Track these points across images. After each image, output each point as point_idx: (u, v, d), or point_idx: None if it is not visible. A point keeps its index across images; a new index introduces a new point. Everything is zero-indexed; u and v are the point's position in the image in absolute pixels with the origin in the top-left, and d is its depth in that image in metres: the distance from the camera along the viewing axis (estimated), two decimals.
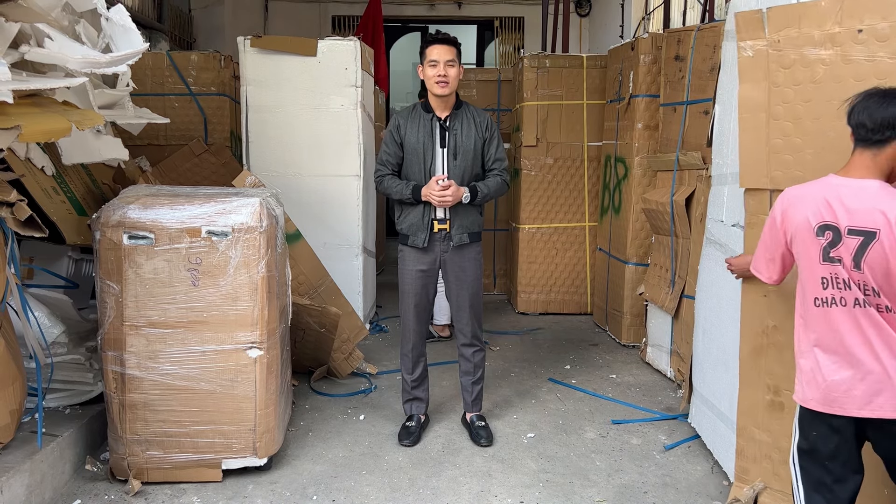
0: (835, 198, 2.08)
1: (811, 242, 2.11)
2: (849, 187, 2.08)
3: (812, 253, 2.12)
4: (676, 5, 6.64)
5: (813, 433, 2.17)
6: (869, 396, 2.05)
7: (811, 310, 2.15)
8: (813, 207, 2.12)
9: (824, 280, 2.10)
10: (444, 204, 3.31)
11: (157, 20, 7.81)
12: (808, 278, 2.16)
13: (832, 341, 2.11)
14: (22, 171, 3.15)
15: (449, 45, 3.34)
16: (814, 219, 2.11)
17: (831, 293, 2.09)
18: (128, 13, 3.34)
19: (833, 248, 2.07)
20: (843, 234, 2.05)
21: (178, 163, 5.25)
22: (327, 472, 3.24)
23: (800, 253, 2.17)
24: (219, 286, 2.96)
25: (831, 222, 2.07)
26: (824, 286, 2.10)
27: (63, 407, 3.36)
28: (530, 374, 4.58)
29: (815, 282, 2.13)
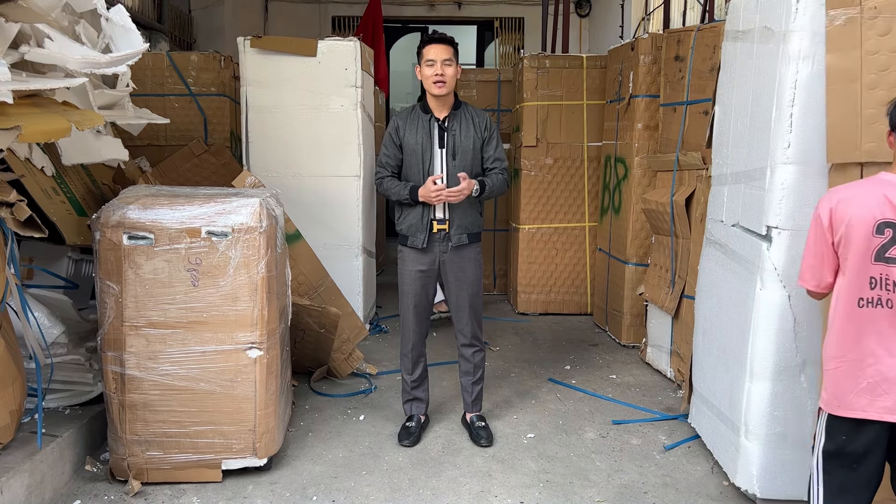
0: (891, 195, 2.05)
1: (866, 241, 2.07)
2: None
3: (865, 252, 2.07)
4: (676, 6, 6.64)
5: (842, 437, 2.13)
6: None
7: (854, 311, 2.11)
8: (871, 204, 2.07)
9: (873, 280, 2.07)
10: (458, 198, 3.28)
11: (157, 20, 7.81)
12: (853, 278, 2.11)
13: (872, 344, 2.08)
14: (22, 172, 3.15)
15: (445, 44, 3.34)
16: (872, 217, 2.06)
17: (878, 294, 2.06)
18: (128, 13, 3.34)
19: (891, 247, 2.04)
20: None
21: (178, 163, 5.25)
22: (327, 473, 3.24)
23: (849, 253, 2.11)
24: (219, 286, 2.96)
25: (892, 220, 2.04)
26: (872, 286, 2.07)
27: (63, 407, 3.35)
28: (530, 374, 4.58)
29: (862, 282, 2.08)
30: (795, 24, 2.66)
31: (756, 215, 2.92)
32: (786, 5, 2.69)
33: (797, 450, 2.88)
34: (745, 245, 3.02)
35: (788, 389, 2.85)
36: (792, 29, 2.67)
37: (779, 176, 2.76)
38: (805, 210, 2.73)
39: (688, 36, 4.27)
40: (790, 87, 2.70)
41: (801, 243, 2.73)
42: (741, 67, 3.14)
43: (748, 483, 2.97)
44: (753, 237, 2.94)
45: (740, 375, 3.00)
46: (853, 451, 2.12)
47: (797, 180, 2.73)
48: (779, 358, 2.84)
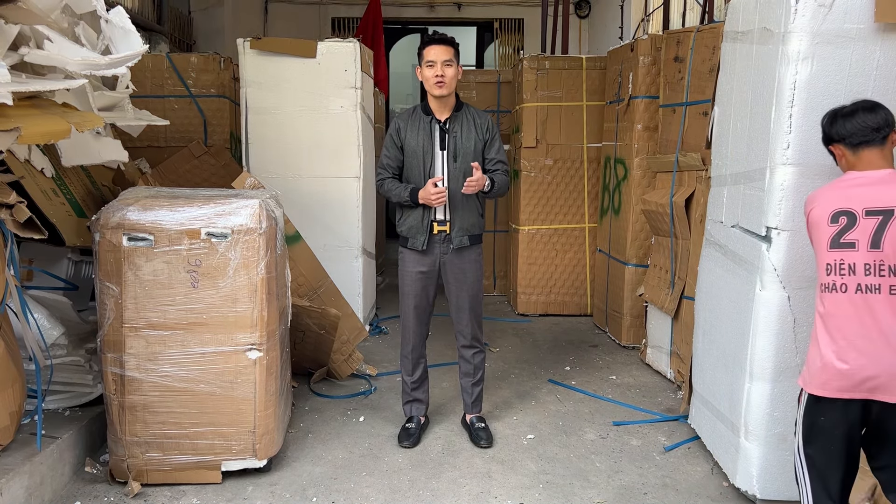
0: (853, 187, 2.25)
1: (823, 231, 2.25)
2: (865, 177, 2.26)
3: (822, 241, 2.25)
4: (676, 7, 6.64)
5: (821, 418, 2.25)
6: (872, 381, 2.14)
7: (818, 296, 2.27)
8: (830, 199, 2.26)
9: (829, 266, 2.23)
10: (473, 189, 3.26)
11: (157, 22, 7.81)
12: (817, 266, 2.29)
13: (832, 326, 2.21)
14: (21, 173, 3.15)
15: (446, 45, 3.34)
16: (828, 208, 2.24)
17: (833, 279, 2.21)
18: (127, 15, 3.35)
19: (846, 233, 2.20)
20: (859, 217, 2.19)
21: (178, 164, 5.25)
22: (327, 474, 3.24)
23: (813, 244, 2.31)
24: (218, 288, 2.97)
25: (846, 208, 2.21)
26: (828, 272, 2.23)
27: (62, 409, 3.35)
28: (530, 375, 4.58)
29: (821, 269, 2.25)
30: (794, 24, 2.66)
31: (755, 216, 2.92)
32: (785, 6, 2.70)
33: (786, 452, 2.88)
34: (745, 246, 3.02)
35: (788, 390, 2.84)
36: (791, 30, 2.67)
37: (778, 177, 2.76)
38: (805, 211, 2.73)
39: (687, 37, 4.28)
40: (789, 88, 2.70)
41: (801, 244, 2.75)
42: (740, 68, 3.14)
43: (748, 484, 2.97)
44: (753, 238, 2.94)
45: (740, 376, 3.00)
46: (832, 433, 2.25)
47: (796, 181, 2.73)
48: (778, 359, 2.84)
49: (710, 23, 4.54)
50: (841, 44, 2.65)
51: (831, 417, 2.24)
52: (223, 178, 5.26)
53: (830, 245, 2.23)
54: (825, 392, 2.22)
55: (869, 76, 2.67)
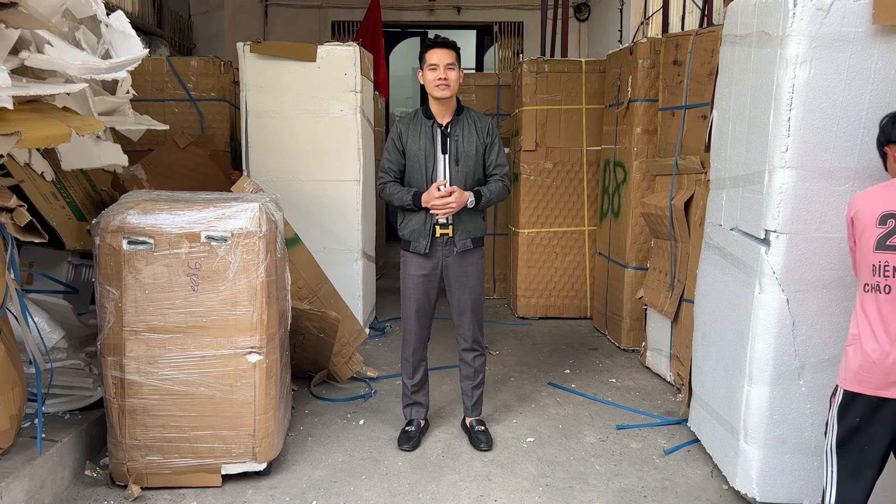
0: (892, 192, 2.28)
1: (871, 232, 2.29)
2: None
3: (870, 241, 2.29)
4: (675, 10, 6.66)
5: (857, 418, 2.28)
6: None
7: (861, 296, 2.31)
8: (878, 201, 2.30)
9: (874, 267, 2.28)
10: (448, 211, 3.30)
11: (157, 26, 7.83)
12: (862, 266, 2.33)
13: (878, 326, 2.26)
14: (22, 177, 3.15)
15: (448, 48, 3.35)
16: (877, 209, 2.28)
17: (877, 280, 2.27)
18: (127, 19, 3.35)
19: (892, 235, 2.24)
20: None
21: (164, 156, 5.24)
22: (327, 477, 3.24)
23: (860, 245, 2.34)
24: (218, 291, 2.97)
25: (893, 211, 2.25)
26: (874, 273, 2.28)
27: (62, 412, 3.35)
28: (530, 378, 4.58)
29: (867, 269, 2.30)
30: (793, 28, 2.67)
31: (754, 219, 2.93)
32: (783, 10, 2.71)
33: (796, 453, 2.88)
34: (744, 249, 3.02)
35: (787, 393, 2.85)
36: (789, 33, 2.68)
37: (777, 180, 2.77)
38: (803, 213, 2.74)
39: (686, 40, 4.29)
40: (788, 92, 2.70)
41: (800, 247, 2.75)
42: (739, 72, 3.15)
43: (747, 487, 2.97)
44: (752, 241, 2.95)
45: (739, 379, 3.00)
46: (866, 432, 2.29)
47: (795, 184, 2.74)
48: (777, 362, 2.84)
49: (709, 26, 4.56)
50: (839, 47, 2.66)
51: (867, 416, 2.28)
52: (210, 168, 5.26)
53: (877, 246, 2.27)
54: (863, 389, 2.26)
55: (867, 79, 2.67)
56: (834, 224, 2.74)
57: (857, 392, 2.29)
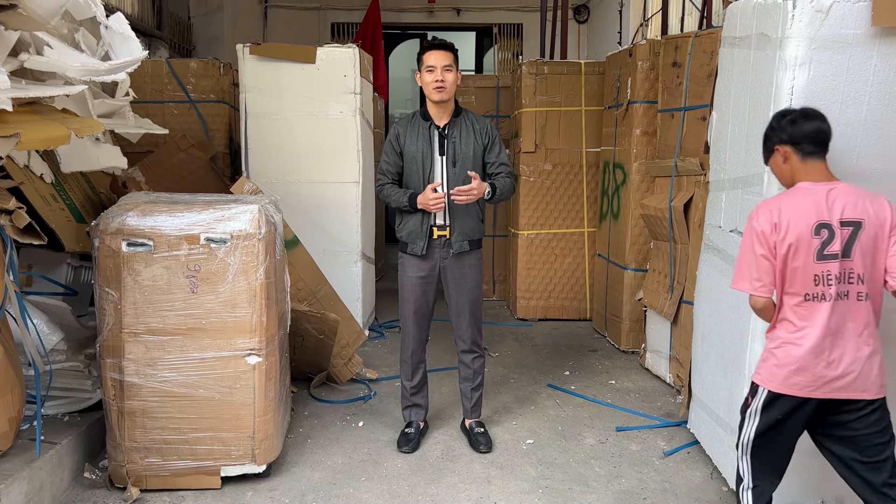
0: (821, 199, 2.31)
1: (808, 244, 2.29)
2: (830, 189, 2.33)
3: (808, 253, 2.29)
4: (674, 12, 6.66)
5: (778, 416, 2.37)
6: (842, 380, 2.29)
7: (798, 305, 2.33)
8: (806, 211, 2.31)
9: (817, 277, 2.29)
10: (467, 199, 3.26)
11: (157, 27, 7.83)
12: (800, 278, 2.31)
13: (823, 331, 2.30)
14: (21, 179, 3.16)
15: (446, 50, 3.35)
16: (810, 220, 2.29)
17: (821, 289, 2.29)
18: (127, 21, 3.36)
19: (829, 245, 2.28)
20: (836, 228, 2.28)
21: (164, 158, 5.23)
22: (326, 479, 3.24)
23: (790, 257, 2.31)
24: (217, 293, 2.97)
25: (826, 220, 2.28)
26: (816, 283, 2.29)
27: (62, 414, 3.35)
28: (529, 380, 4.57)
29: (808, 280, 2.30)
30: (792, 30, 2.67)
31: None
32: (782, 12, 2.71)
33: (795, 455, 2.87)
34: None
35: None
36: (788, 35, 2.68)
37: (776, 182, 2.76)
38: None
39: (685, 42, 4.29)
40: (787, 93, 2.70)
41: None
42: (738, 73, 3.15)
43: None
44: None
45: (739, 381, 3.00)
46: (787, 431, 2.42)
47: None
48: None
49: (709, 28, 4.56)
50: (838, 49, 2.66)
51: (789, 414, 2.37)
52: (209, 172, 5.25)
53: (818, 257, 2.28)
54: (791, 391, 2.33)
55: (866, 81, 2.68)
56: None
57: (782, 393, 2.35)
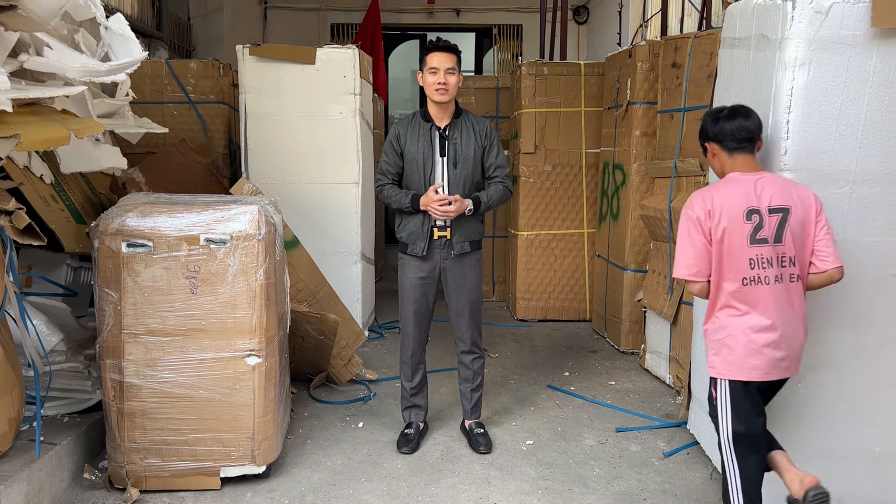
0: (750, 188, 2.49)
1: (740, 228, 2.45)
2: (757, 179, 2.52)
3: (741, 237, 2.45)
4: (674, 13, 6.67)
5: (748, 405, 2.50)
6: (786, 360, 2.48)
7: (739, 290, 2.47)
8: (736, 198, 2.48)
9: (752, 261, 2.45)
10: (448, 217, 3.31)
11: (157, 28, 7.83)
12: (736, 262, 2.46)
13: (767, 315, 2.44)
14: (21, 180, 3.16)
15: (450, 52, 3.35)
16: (741, 206, 2.46)
17: (757, 273, 2.44)
18: (126, 22, 3.36)
19: (760, 230, 2.44)
20: (765, 214, 2.45)
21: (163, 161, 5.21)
22: (326, 480, 3.24)
23: (725, 241, 2.47)
24: (217, 294, 2.97)
25: (755, 207, 2.46)
26: (752, 266, 2.44)
27: (61, 415, 3.35)
28: (529, 381, 4.57)
29: (743, 263, 2.45)
30: (791, 31, 2.68)
31: None
32: (781, 13, 2.71)
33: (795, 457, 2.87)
34: None
35: (786, 395, 2.84)
36: (788, 36, 2.69)
37: None
38: None
39: (685, 43, 4.29)
40: (786, 94, 2.71)
41: None
42: (738, 75, 3.15)
43: None
44: None
45: None
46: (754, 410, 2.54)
47: None
48: None
49: (708, 29, 4.56)
50: (838, 50, 2.66)
51: (756, 400, 2.51)
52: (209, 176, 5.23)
53: (750, 241, 2.44)
54: (752, 377, 2.47)
55: (866, 82, 2.68)
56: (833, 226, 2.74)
57: (746, 381, 2.47)
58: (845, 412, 2.85)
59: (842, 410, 2.85)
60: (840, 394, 2.85)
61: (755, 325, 2.45)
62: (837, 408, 2.85)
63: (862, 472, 2.88)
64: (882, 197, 2.74)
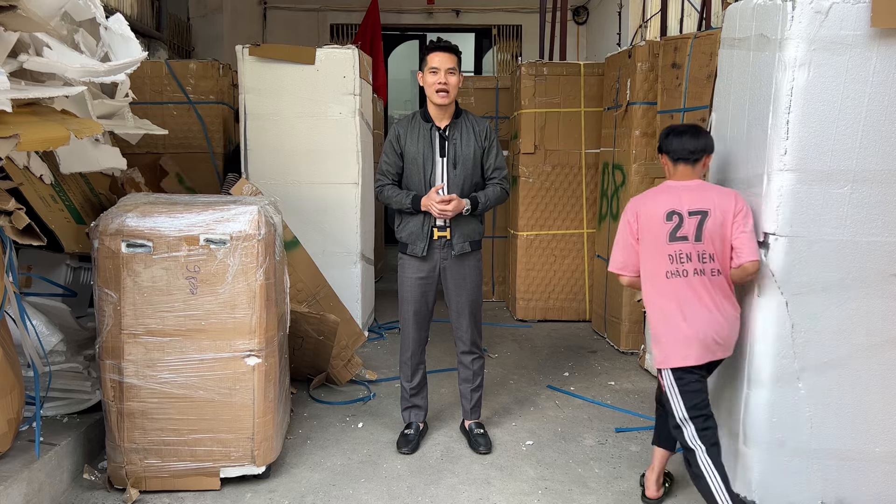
0: (675, 194, 2.84)
1: (660, 228, 2.79)
2: (684, 186, 2.86)
3: (661, 236, 2.78)
4: (673, 13, 6.67)
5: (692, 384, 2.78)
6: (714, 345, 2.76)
7: (663, 283, 2.79)
8: (660, 201, 2.83)
9: (671, 256, 2.77)
10: (445, 216, 3.32)
11: (156, 29, 7.83)
12: (657, 258, 2.81)
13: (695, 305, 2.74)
14: (20, 180, 3.15)
15: (450, 52, 3.35)
16: (663, 208, 2.80)
17: (676, 267, 2.76)
18: (126, 22, 3.36)
19: (679, 229, 2.77)
20: (685, 216, 2.77)
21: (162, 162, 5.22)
22: (326, 481, 3.24)
23: (648, 240, 2.83)
24: (217, 294, 2.97)
25: (676, 209, 2.79)
26: (671, 261, 2.77)
27: (61, 416, 3.35)
28: (529, 381, 4.57)
29: (664, 259, 2.78)
30: (791, 31, 2.67)
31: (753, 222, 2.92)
32: (781, 13, 2.71)
33: (795, 457, 2.88)
34: None
35: (786, 396, 2.85)
36: (787, 37, 2.68)
37: (776, 183, 2.77)
38: (802, 216, 2.74)
39: (685, 43, 4.29)
40: (786, 95, 2.71)
41: (799, 250, 2.75)
42: (738, 75, 3.15)
43: (747, 490, 2.96)
44: None
45: (738, 382, 3.00)
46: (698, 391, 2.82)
47: (794, 187, 2.74)
48: (776, 364, 2.84)
49: (708, 29, 4.56)
50: (837, 50, 2.66)
51: (697, 379, 2.78)
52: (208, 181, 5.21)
53: (669, 238, 2.77)
54: (688, 362, 2.75)
55: (866, 82, 2.68)
56: (833, 227, 2.74)
57: (685, 366, 2.76)
58: (845, 412, 2.85)
59: (842, 411, 2.85)
60: (840, 394, 2.84)
61: (679, 315, 2.75)
62: (837, 408, 2.85)
63: (862, 472, 2.88)
64: (882, 197, 2.74)
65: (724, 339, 2.78)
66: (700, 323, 2.73)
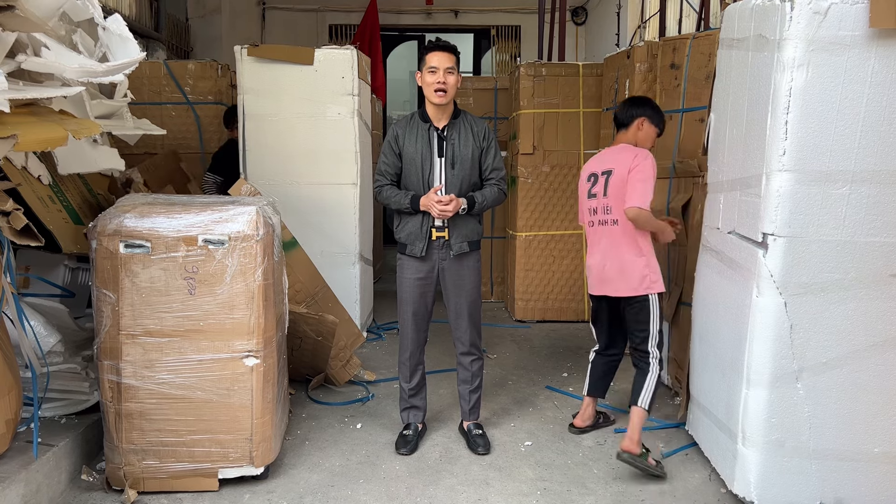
0: (600, 157, 3.56)
1: (583, 187, 3.57)
2: (609, 150, 3.57)
3: (584, 194, 3.57)
4: (672, 14, 6.67)
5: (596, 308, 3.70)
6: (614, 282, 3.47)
7: (588, 231, 3.58)
8: (589, 166, 3.58)
9: (590, 210, 3.53)
10: (445, 216, 3.31)
11: (155, 29, 7.83)
12: (584, 211, 3.59)
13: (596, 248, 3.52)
14: (18, 180, 3.15)
15: (449, 52, 3.35)
16: (587, 172, 3.56)
17: (591, 218, 3.53)
18: (125, 22, 3.35)
19: (594, 186, 3.49)
20: (599, 176, 3.47)
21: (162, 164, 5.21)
22: (324, 481, 3.23)
23: (581, 198, 3.60)
24: (215, 295, 2.96)
25: (595, 171, 3.52)
26: (590, 214, 3.53)
27: (59, 416, 3.34)
28: (528, 382, 4.57)
29: (586, 212, 3.56)
30: (790, 32, 2.68)
31: (752, 222, 2.93)
32: (780, 14, 2.71)
33: (794, 457, 2.88)
34: (741, 252, 3.02)
35: (785, 396, 2.85)
36: (786, 37, 2.69)
37: (774, 183, 2.77)
38: (800, 217, 2.74)
39: (683, 44, 4.29)
40: (785, 95, 2.71)
41: (797, 250, 2.75)
42: (736, 75, 3.15)
43: (745, 490, 2.97)
44: (749, 244, 2.95)
45: (737, 382, 3.00)
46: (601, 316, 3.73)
47: (793, 187, 2.74)
48: (775, 364, 2.84)
49: (706, 30, 4.57)
50: (836, 51, 2.66)
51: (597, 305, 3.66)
52: None
53: (588, 196, 3.52)
54: (591, 291, 3.60)
55: (864, 82, 2.68)
56: (832, 227, 2.74)
57: (592, 294, 3.61)
58: (844, 413, 2.85)
59: (840, 411, 2.85)
60: (838, 394, 2.85)
61: (594, 257, 3.52)
62: (836, 408, 2.85)
63: (860, 472, 2.88)
64: (880, 197, 2.74)
65: (610, 278, 3.45)
66: (593, 262, 3.52)
